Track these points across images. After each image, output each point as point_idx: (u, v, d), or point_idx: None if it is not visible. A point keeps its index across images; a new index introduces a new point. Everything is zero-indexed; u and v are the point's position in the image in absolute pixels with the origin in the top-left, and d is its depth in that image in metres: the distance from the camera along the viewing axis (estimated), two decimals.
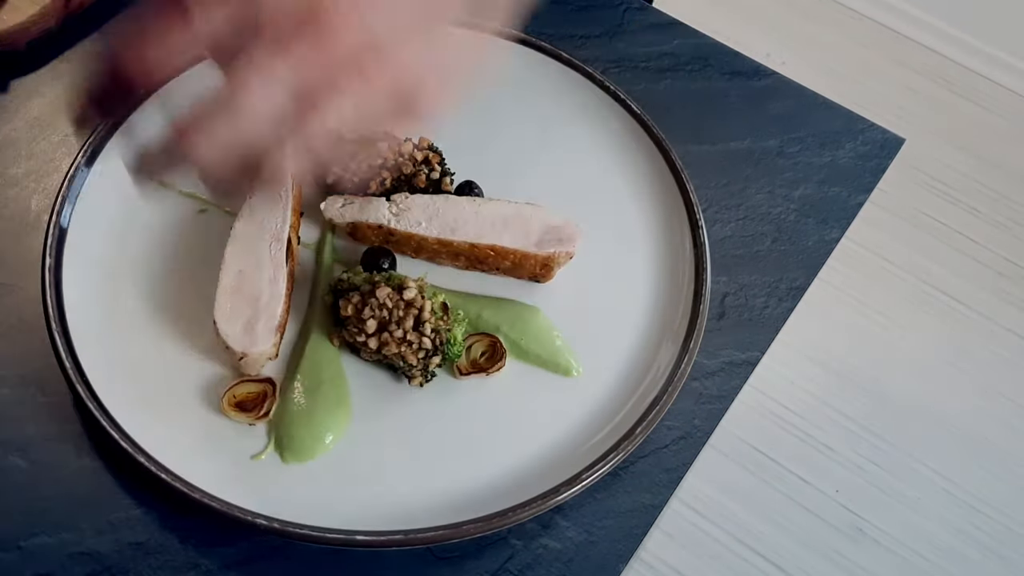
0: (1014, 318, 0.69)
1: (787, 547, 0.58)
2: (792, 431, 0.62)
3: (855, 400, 0.64)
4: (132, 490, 0.55)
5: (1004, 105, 0.80)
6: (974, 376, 0.66)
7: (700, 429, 0.60)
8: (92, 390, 0.55)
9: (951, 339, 0.67)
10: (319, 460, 0.56)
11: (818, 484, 0.61)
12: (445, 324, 0.57)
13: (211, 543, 0.54)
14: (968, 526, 0.60)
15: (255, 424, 0.56)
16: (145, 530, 0.54)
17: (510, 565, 0.55)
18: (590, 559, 0.56)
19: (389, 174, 0.63)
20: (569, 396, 0.59)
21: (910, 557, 0.59)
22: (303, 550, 0.54)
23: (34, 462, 0.55)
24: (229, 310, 0.57)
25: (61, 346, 0.56)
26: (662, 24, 0.78)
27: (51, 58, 0.71)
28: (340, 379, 0.58)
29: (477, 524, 0.53)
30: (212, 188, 0.44)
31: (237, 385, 0.57)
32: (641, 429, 0.57)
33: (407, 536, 0.53)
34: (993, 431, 0.64)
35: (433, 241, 0.61)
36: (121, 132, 0.64)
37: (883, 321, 0.67)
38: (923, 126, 0.77)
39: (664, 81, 0.74)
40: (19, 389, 0.57)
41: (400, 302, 0.56)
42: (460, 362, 0.59)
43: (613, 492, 0.58)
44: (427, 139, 0.65)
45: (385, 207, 0.62)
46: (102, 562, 0.53)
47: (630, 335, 0.62)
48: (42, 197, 0.65)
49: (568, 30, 0.76)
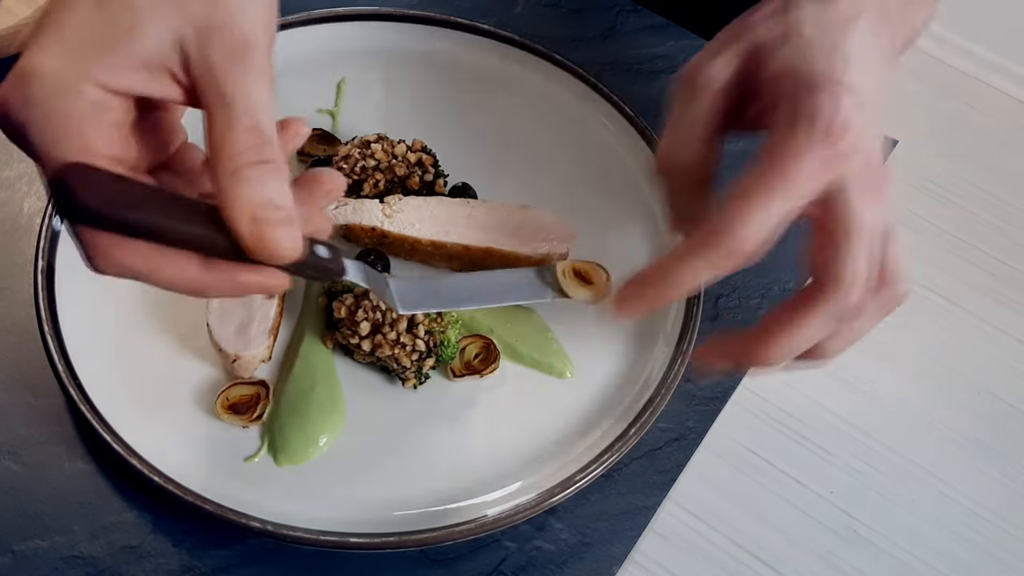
0: (1008, 319, 0.69)
1: (781, 548, 0.58)
2: (786, 432, 0.62)
3: (849, 401, 0.64)
4: (125, 493, 0.55)
5: (996, 107, 0.80)
6: (968, 377, 0.66)
7: (694, 431, 0.60)
8: (85, 393, 0.55)
9: (944, 340, 0.67)
10: (313, 462, 0.56)
11: (812, 485, 0.60)
12: (439, 326, 0.57)
13: (205, 546, 0.54)
14: (963, 528, 0.60)
15: (248, 426, 0.56)
16: (138, 533, 0.54)
17: (504, 567, 0.55)
18: (584, 561, 0.55)
19: (382, 176, 0.63)
20: (563, 398, 0.59)
21: (905, 558, 0.59)
22: (297, 552, 0.54)
23: (26, 465, 0.55)
24: (222, 313, 0.57)
25: (54, 349, 0.56)
26: (655, 26, 0.78)
27: None
28: (334, 381, 0.58)
29: (471, 526, 0.53)
30: None
31: (230, 388, 0.57)
32: (635, 431, 0.57)
33: (401, 538, 0.53)
34: (988, 433, 0.64)
35: (427, 243, 0.61)
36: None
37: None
38: (916, 128, 0.77)
39: (658, 83, 0.74)
40: (11, 392, 0.57)
41: None
42: (454, 364, 0.59)
43: (607, 494, 0.58)
44: (420, 141, 0.65)
45: (378, 209, 0.62)
46: (95, 566, 0.53)
47: (624, 337, 0.62)
48: (34, 200, 0.64)
49: (561, 32, 0.76)
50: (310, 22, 0.71)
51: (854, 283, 0.45)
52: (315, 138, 0.66)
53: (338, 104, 0.70)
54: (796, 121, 0.46)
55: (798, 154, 0.45)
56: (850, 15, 0.48)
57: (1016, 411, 0.65)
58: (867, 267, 0.46)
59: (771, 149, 0.46)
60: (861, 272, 0.45)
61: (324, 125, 0.68)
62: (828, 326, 0.46)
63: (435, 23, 0.72)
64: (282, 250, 0.41)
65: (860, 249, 0.45)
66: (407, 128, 0.66)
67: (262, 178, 0.40)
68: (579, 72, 0.70)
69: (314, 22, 0.71)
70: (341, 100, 0.70)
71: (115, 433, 0.54)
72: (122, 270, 0.41)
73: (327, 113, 0.69)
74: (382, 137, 0.64)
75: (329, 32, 0.71)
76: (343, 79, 0.71)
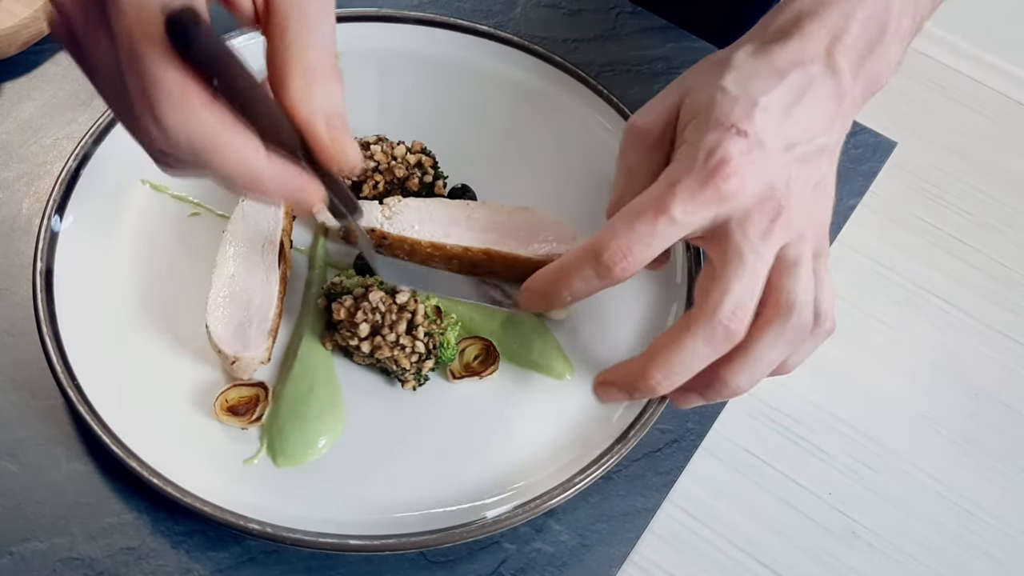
0: (1006, 321, 0.69)
1: (780, 550, 0.58)
2: (784, 434, 0.62)
3: (847, 402, 0.64)
4: (124, 495, 0.55)
5: (996, 109, 0.80)
6: (966, 379, 0.66)
7: (693, 432, 0.60)
8: (84, 394, 0.55)
9: (943, 341, 0.67)
10: (312, 464, 0.56)
11: (811, 487, 0.60)
12: (438, 327, 0.57)
13: (203, 548, 0.54)
14: (961, 529, 0.60)
15: (247, 428, 0.56)
16: (137, 535, 0.54)
17: (503, 569, 0.55)
18: (583, 563, 0.55)
19: (382, 177, 0.63)
20: (562, 399, 0.59)
21: (903, 560, 0.59)
22: (296, 555, 0.54)
23: (25, 467, 0.55)
24: (221, 314, 0.57)
25: (52, 350, 0.56)
26: (655, 28, 0.78)
27: (42, 61, 0.71)
28: (333, 383, 0.58)
29: (470, 528, 0.53)
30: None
31: (229, 389, 0.57)
32: (634, 432, 0.57)
33: (400, 540, 0.52)
34: (985, 434, 0.64)
35: (426, 245, 0.61)
36: (113, 135, 0.64)
37: (875, 323, 0.67)
38: (915, 129, 0.77)
39: (658, 85, 0.74)
40: (10, 394, 0.57)
41: (393, 306, 0.56)
42: (453, 365, 0.59)
43: (606, 496, 0.58)
44: (420, 143, 0.65)
45: (378, 210, 0.62)
46: (94, 567, 0.53)
47: (624, 338, 0.62)
48: (33, 201, 0.64)
49: (560, 34, 0.76)
50: None
51: (719, 308, 0.48)
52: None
53: None
54: (683, 156, 0.49)
55: (675, 183, 0.48)
56: (782, 67, 0.49)
57: (1013, 412, 0.65)
58: (741, 300, 0.48)
59: (660, 178, 0.49)
60: (730, 302, 0.47)
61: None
62: (704, 349, 0.48)
63: (435, 24, 0.72)
64: (353, 155, 0.44)
65: (734, 280, 0.48)
66: (406, 130, 0.66)
67: (335, 91, 0.43)
68: (579, 73, 0.71)
69: None
70: None
71: (114, 435, 0.54)
72: (192, 129, 0.40)
73: None
74: (381, 139, 0.64)
75: None
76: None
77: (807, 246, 0.49)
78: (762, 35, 0.52)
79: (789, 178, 0.49)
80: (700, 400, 0.52)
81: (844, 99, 0.51)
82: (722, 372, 0.50)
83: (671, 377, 0.49)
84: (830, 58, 0.50)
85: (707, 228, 0.49)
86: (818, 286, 0.50)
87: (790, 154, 0.49)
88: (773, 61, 0.50)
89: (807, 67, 0.49)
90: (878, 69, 0.52)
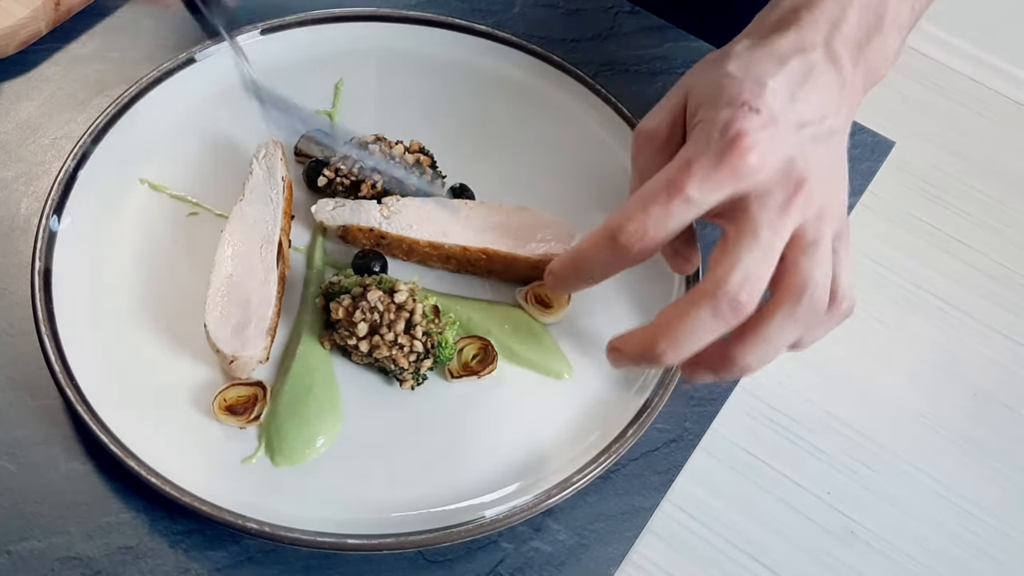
0: (1005, 321, 0.69)
1: (779, 549, 0.58)
2: (783, 433, 0.62)
3: (846, 402, 0.64)
4: (122, 494, 0.55)
5: (995, 109, 0.80)
6: (965, 379, 0.66)
7: (691, 432, 0.60)
8: (82, 394, 0.55)
9: (942, 341, 0.67)
10: (310, 463, 0.56)
11: (809, 486, 0.60)
12: (436, 327, 0.57)
13: (202, 547, 0.54)
14: (960, 529, 0.60)
15: (246, 427, 0.56)
16: (135, 534, 0.54)
17: (501, 568, 0.55)
18: (581, 562, 0.55)
19: (380, 177, 0.63)
20: (560, 398, 0.59)
21: (902, 560, 0.59)
22: (294, 554, 0.54)
23: (23, 466, 0.55)
24: (219, 313, 0.57)
25: (51, 350, 0.56)
26: (653, 27, 0.78)
27: (40, 61, 0.71)
28: (331, 382, 0.58)
29: (468, 527, 0.53)
30: None
31: (228, 389, 0.57)
32: (632, 432, 0.57)
33: (398, 540, 0.52)
34: (985, 434, 0.64)
35: (424, 244, 0.61)
36: (111, 134, 0.64)
37: (873, 323, 0.67)
38: (913, 129, 0.77)
39: (656, 84, 0.74)
40: (8, 393, 0.57)
41: (391, 305, 0.56)
42: (451, 365, 0.59)
43: (604, 495, 0.58)
44: (418, 142, 0.65)
45: (376, 210, 0.62)
46: (92, 567, 0.53)
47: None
48: (32, 200, 0.64)
49: (559, 33, 0.76)
50: (309, 23, 0.71)
51: (726, 279, 0.46)
52: (313, 139, 0.66)
53: (336, 105, 0.70)
54: (697, 135, 0.48)
55: (690, 161, 0.47)
56: (783, 54, 0.49)
57: (1012, 412, 0.65)
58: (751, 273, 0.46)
59: (675, 158, 0.48)
60: (739, 274, 0.46)
61: (322, 126, 0.68)
62: (710, 322, 0.47)
63: (433, 24, 0.72)
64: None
65: (744, 253, 0.46)
66: (405, 129, 0.66)
67: None
68: (577, 73, 0.71)
69: (312, 23, 0.71)
70: (339, 101, 0.70)
71: (112, 434, 0.54)
72: None
73: (325, 114, 0.69)
74: (380, 138, 0.64)
75: (327, 33, 0.71)
76: (341, 80, 0.71)
77: (827, 225, 0.48)
78: (759, 29, 0.51)
79: (807, 154, 0.47)
80: (711, 376, 0.50)
81: (845, 87, 0.50)
82: (732, 350, 0.48)
83: (676, 347, 0.48)
84: (829, 46, 0.50)
85: (724, 204, 0.47)
86: (837, 266, 0.49)
87: (803, 132, 0.48)
88: (773, 49, 0.49)
89: (807, 54, 0.49)
90: (877, 59, 0.52)
